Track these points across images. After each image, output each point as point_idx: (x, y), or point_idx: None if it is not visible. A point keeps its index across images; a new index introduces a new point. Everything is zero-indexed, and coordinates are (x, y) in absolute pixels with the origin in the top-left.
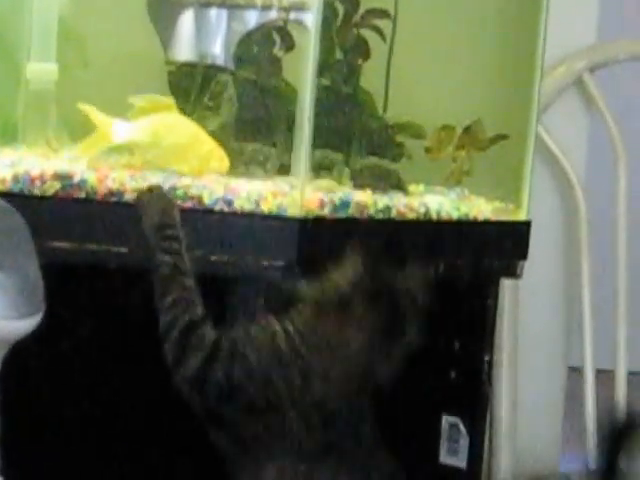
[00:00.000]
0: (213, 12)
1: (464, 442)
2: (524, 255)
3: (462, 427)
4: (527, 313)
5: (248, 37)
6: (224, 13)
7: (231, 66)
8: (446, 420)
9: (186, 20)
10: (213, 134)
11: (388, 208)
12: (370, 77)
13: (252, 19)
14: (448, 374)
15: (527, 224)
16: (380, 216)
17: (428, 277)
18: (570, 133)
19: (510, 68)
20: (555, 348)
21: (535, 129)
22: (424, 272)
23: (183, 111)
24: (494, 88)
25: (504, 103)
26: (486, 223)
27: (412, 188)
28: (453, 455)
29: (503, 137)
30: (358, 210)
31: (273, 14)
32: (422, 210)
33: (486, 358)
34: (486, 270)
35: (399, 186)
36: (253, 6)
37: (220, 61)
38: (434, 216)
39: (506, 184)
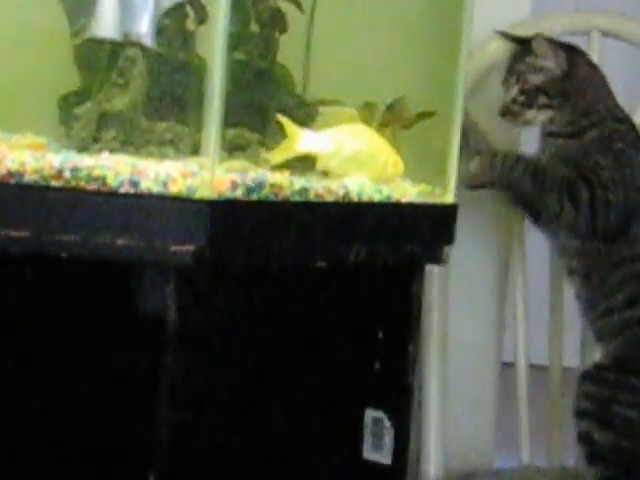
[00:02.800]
0: None
1: (389, 437)
2: (450, 240)
3: (387, 421)
4: (458, 305)
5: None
6: None
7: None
8: (369, 414)
9: None
10: (121, 113)
11: (305, 190)
12: (288, 52)
13: None
14: (372, 365)
15: (453, 207)
16: (297, 198)
17: None
18: None
19: (436, 44)
20: (487, 343)
21: (462, 108)
22: None
23: (89, 89)
24: (420, 64)
25: (430, 80)
26: (409, 206)
27: None
28: (377, 451)
29: (429, 114)
30: (273, 192)
31: None
32: (341, 192)
33: (411, 348)
34: (409, 255)
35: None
36: None
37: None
38: (354, 198)
39: (432, 165)
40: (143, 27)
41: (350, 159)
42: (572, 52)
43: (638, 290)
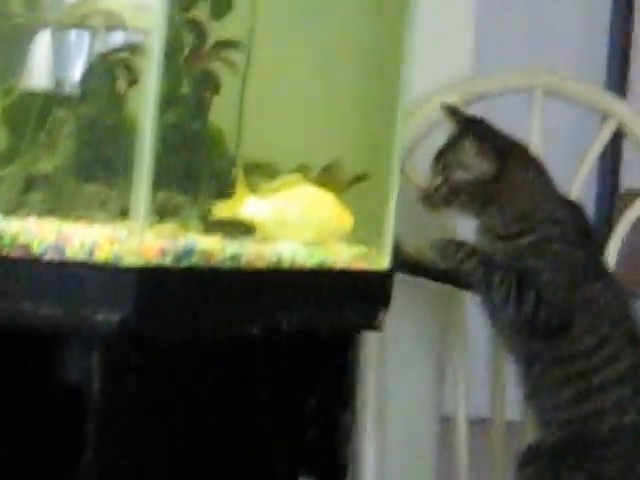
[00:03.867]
0: (47, 36)
1: None
2: (386, 305)
3: None
4: (396, 363)
5: (90, 69)
6: (61, 37)
7: (72, 99)
8: None
9: (26, 44)
10: (49, 175)
11: (237, 256)
12: (221, 113)
13: (92, 47)
14: (305, 435)
15: (389, 273)
16: (228, 264)
17: None
18: None
19: (373, 105)
20: (427, 398)
21: (397, 170)
22: None
23: (16, 150)
24: (356, 126)
25: (366, 142)
26: (343, 272)
27: None
28: None
29: (364, 177)
30: (204, 258)
31: (116, 43)
32: (274, 258)
33: (345, 416)
34: (343, 322)
35: (251, 231)
36: (94, 33)
37: (62, 91)
38: (287, 264)
39: (368, 228)
40: (79, 87)
41: (291, 225)
42: (507, 155)
43: (582, 388)
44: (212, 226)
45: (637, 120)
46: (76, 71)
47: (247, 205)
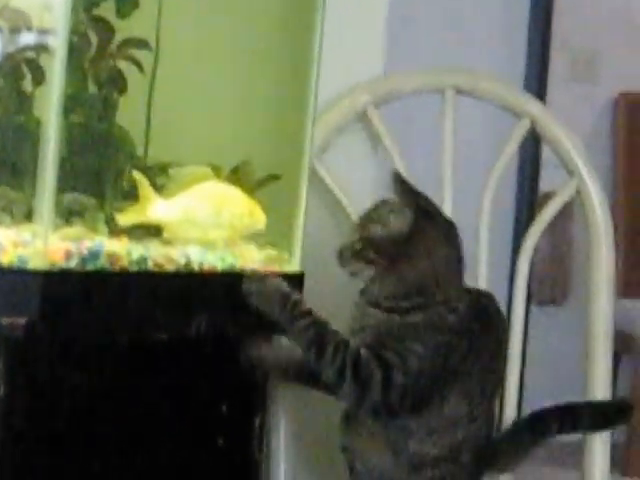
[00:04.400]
0: None
1: None
2: None
3: None
4: None
5: None
6: None
7: None
8: None
9: None
10: None
11: (144, 259)
12: (129, 113)
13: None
14: (215, 440)
15: (300, 275)
16: (135, 267)
17: None
18: (354, 173)
19: (282, 106)
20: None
21: (307, 170)
22: None
23: None
24: (266, 127)
25: (276, 143)
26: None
27: None
28: None
29: (274, 178)
30: (110, 261)
31: (23, 42)
32: (182, 261)
33: (256, 422)
34: (253, 326)
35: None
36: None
37: None
38: (196, 267)
39: (279, 230)
40: None
41: (201, 224)
42: (425, 219)
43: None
44: (118, 230)
45: (551, 120)
46: None
47: (153, 207)
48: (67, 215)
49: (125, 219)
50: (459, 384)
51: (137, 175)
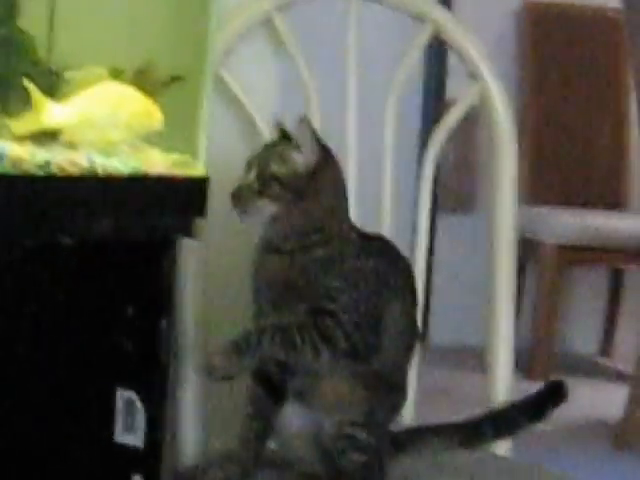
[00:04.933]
0: None
1: (140, 418)
2: (201, 213)
3: (138, 402)
4: (220, 277)
5: None
6: None
7: None
8: (121, 395)
9: None
10: None
11: (47, 163)
12: (30, 16)
13: None
14: (121, 343)
15: (204, 179)
16: (39, 172)
17: None
18: (259, 78)
19: (185, 6)
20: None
21: (210, 72)
22: None
23: None
24: (168, 29)
25: (179, 45)
26: (156, 179)
27: None
28: (129, 433)
29: (177, 79)
30: (14, 165)
31: None
32: (86, 165)
33: (163, 324)
34: (158, 230)
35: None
36: None
37: None
38: (99, 171)
39: (183, 134)
40: None
41: (99, 125)
42: (327, 156)
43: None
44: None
45: (454, 26)
46: None
47: (48, 113)
48: None
49: (19, 128)
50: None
51: (26, 83)
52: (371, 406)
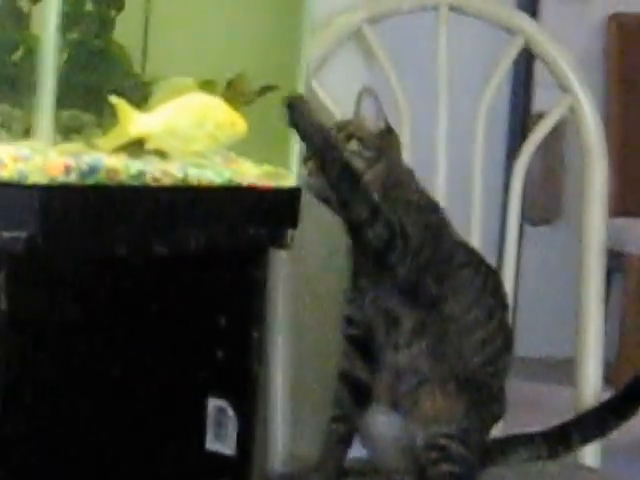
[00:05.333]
0: None
1: (232, 427)
2: (293, 224)
3: (230, 410)
4: (312, 286)
5: None
6: None
7: None
8: (212, 403)
9: None
10: None
11: (142, 173)
12: (126, 31)
13: None
14: (214, 353)
15: (296, 190)
16: (133, 182)
17: None
18: (349, 89)
19: (279, 20)
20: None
21: (303, 84)
22: None
23: None
24: (262, 42)
25: (272, 58)
26: (250, 190)
27: None
28: (220, 441)
29: (269, 88)
30: (108, 176)
31: None
32: (180, 175)
33: (255, 335)
34: (250, 240)
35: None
36: None
37: None
38: (194, 182)
39: (276, 146)
40: None
41: (183, 135)
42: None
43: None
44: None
45: (544, 37)
46: None
47: (135, 125)
48: (66, 131)
49: (107, 145)
50: (454, 286)
51: (114, 99)
52: (469, 419)
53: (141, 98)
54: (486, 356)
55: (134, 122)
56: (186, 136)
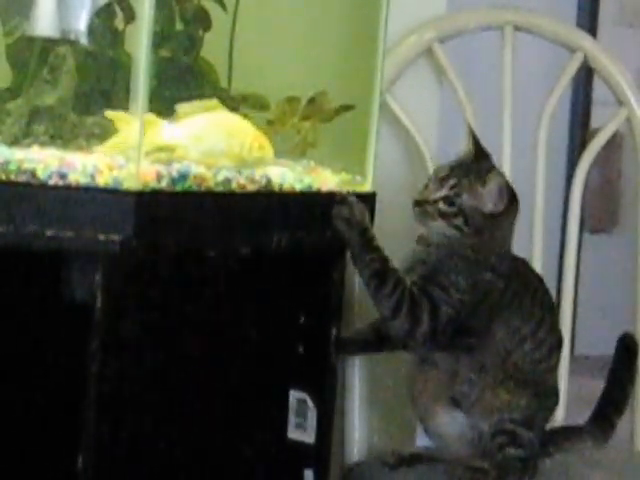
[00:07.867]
0: None
1: (312, 417)
2: None
3: (310, 402)
4: None
5: (90, 8)
6: None
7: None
8: (293, 395)
9: None
10: (51, 108)
11: (228, 180)
12: (212, 48)
13: None
14: (295, 348)
15: (372, 195)
16: (220, 189)
17: None
18: (421, 104)
19: (355, 40)
20: None
21: (378, 99)
22: None
23: (20, 85)
24: (340, 60)
25: (350, 75)
26: (328, 194)
27: None
28: (301, 430)
29: (348, 108)
30: (197, 183)
31: None
32: (264, 182)
33: (333, 331)
34: (330, 242)
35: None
36: None
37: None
38: (276, 188)
39: (352, 155)
40: (81, 25)
41: (207, 149)
42: (512, 199)
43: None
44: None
45: (602, 53)
46: (77, 9)
47: (163, 132)
48: None
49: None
50: (503, 319)
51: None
52: (530, 409)
53: (229, 111)
54: (540, 356)
55: (161, 131)
56: (211, 151)
